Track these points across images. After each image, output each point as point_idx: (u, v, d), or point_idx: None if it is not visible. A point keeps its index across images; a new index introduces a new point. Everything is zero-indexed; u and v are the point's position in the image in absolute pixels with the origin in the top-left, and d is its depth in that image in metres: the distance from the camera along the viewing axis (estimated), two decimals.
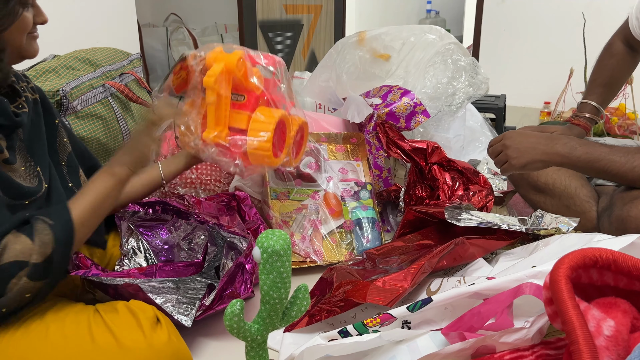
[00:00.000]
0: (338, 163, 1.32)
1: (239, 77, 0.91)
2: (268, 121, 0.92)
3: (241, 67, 0.90)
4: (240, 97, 0.93)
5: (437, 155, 1.24)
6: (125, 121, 1.28)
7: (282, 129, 0.95)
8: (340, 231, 1.19)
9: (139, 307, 0.75)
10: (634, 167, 0.96)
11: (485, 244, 0.97)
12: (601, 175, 1.01)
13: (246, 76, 0.92)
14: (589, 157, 0.98)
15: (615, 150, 0.98)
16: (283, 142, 0.96)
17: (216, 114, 0.91)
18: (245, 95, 0.93)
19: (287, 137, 0.97)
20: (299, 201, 1.21)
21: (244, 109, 0.93)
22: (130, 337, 0.71)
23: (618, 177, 0.99)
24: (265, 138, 0.90)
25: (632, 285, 0.53)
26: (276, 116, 0.92)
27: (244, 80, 0.92)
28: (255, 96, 0.93)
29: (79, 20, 1.68)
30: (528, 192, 1.28)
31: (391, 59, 1.46)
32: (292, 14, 2.70)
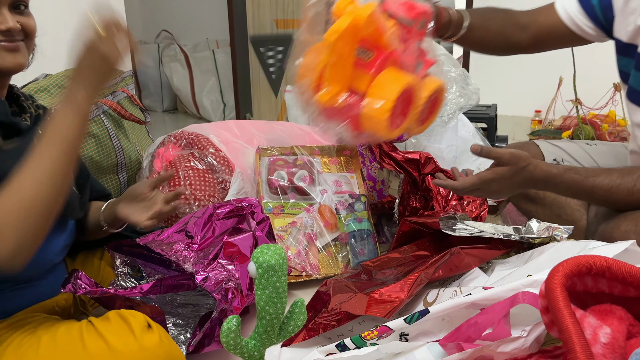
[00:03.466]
0: (332, 175, 1.32)
1: (369, 32, 0.79)
2: (391, 88, 0.80)
3: (371, 24, 0.79)
4: (368, 53, 0.81)
5: (430, 166, 1.24)
6: (117, 138, 1.28)
7: (407, 99, 0.83)
8: (335, 244, 1.19)
9: (130, 314, 0.74)
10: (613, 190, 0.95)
11: (480, 253, 0.98)
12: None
13: (377, 32, 0.80)
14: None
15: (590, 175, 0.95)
16: (405, 114, 0.84)
17: (333, 72, 0.80)
18: (373, 52, 0.81)
19: (414, 106, 0.84)
20: (293, 215, 1.21)
21: (368, 68, 0.82)
22: (122, 340, 0.69)
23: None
24: (384, 106, 0.79)
25: (626, 292, 0.53)
26: (402, 83, 0.80)
27: (375, 35, 0.80)
28: (385, 55, 0.81)
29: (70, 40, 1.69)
30: (520, 202, 1.28)
31: None
32: (283, 29, 2.72)
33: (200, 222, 1.03)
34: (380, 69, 0.82)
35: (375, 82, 0.81)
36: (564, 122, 2.07)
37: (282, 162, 1.30)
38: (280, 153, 1.33)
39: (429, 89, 0.85)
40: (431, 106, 0.91)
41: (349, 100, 0.81)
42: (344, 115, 0.82)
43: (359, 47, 0.81)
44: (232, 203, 1.09)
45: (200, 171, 1.21)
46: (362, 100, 0.81)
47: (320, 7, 0.83)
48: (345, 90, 0.82)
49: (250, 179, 1.29)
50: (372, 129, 0.82)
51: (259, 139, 1.38)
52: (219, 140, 1.30)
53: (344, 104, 0.81)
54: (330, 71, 0.80)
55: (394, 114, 0.81)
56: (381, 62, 0.82)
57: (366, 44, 0.81)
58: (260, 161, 1.31)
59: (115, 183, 1.29)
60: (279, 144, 1.38)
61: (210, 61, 3.17)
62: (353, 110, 0.81)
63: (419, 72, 0.85)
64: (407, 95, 0.83)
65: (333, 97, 0.81)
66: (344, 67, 0.81)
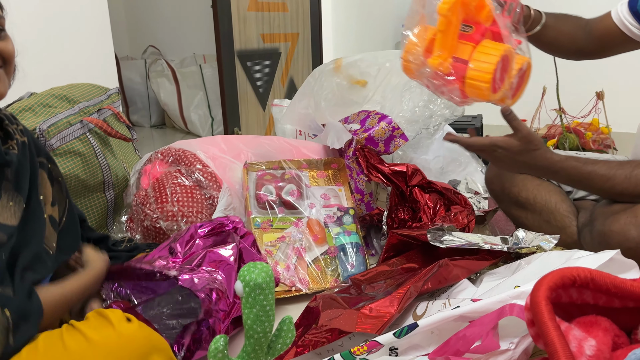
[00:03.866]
0: (320, 189, 1.33)
1: (472, 7, 0.93)
2: (492, 53, 0.93)
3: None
4: (468, 28, 0.96)
5: (417, 178, 1.25)
6: (104, 156, 1.27)
7: (504, 65, 0.95)
8: (324, 258, 1.19)
9: (110, 311, 0.74)
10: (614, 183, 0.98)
11: (468, 264, 0.98)
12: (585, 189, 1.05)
13: (479, 7, 0.94)
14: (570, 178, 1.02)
15: (597, 165, 1.00)
16: (503, 78, 0.96)
17: (443, 40, 0.93)
18: (473, 27, 0.95)
19: (508, 74, 0.96)
20: (282, 229, 1.21)
21: (470, 41, 0.95)
22: (100, 333, 0.69)
23: (601, 192, 1.02)
24: (487, 69, 0.91)
25: (611, 303, 0.54)
26: (501, 49, 0.93)
27: (475, 12, 0.94)
28: (483, 29, 0.95)
29: (55, 57, 1.68)
30: (510, 208, 1.29)
31: (368, 84, 1.48)
32: (269, 43, 2.73)
33: (183, 240, 1.03)
34: (480, 40, 0.95)
35: (478, 50, 0.94)
36: (549, 131, 2.10)
37: (270, 177, 1.30)
38: (268, 167, 1.33)
39: (519, 62, 0.98)
40: (519, 80, 1.02)
41: (455, 65, 0.94)
42: (452, 82, 0.94)
43: (462, 21, 0.95)
44: (214, 222, 1.09)
45: (187, 188, 1.21)
46: (467, 66, 0.93)
47: None
48: (450, 57, 0.94)
49: (238, 194, 1.29)
50: (477, 93, 0.95)
51: (246, 154, 1.38)
52: (206, 156, 1.30)
53: (452, 67, 0.93)
54: (441, 39, 0.93)
55: (494, 77, 0.93)
56: (481, 34, 0.95)
57: (468, 19, 0.96)
58: (248, 176, 1.31)
59: (101, 201, 1.28)
60: (266, 158, 1.38)
61: (198, 76, 3.17)
62: (459, 74, 0.93)
63: (512, 46, 0.98)
64: (505, 61, 0.95)
65: (443, 61, 0.93)
66: (452, 36, 0.93)
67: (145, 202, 1.21)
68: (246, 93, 2.63)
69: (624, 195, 0.99)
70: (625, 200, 0.99)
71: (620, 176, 0.98)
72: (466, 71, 0.93)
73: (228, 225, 1.08)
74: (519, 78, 1.01)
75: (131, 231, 1.24)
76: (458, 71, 0.94)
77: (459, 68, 0.94)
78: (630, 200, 0.98)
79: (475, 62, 0.93)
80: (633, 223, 0.91)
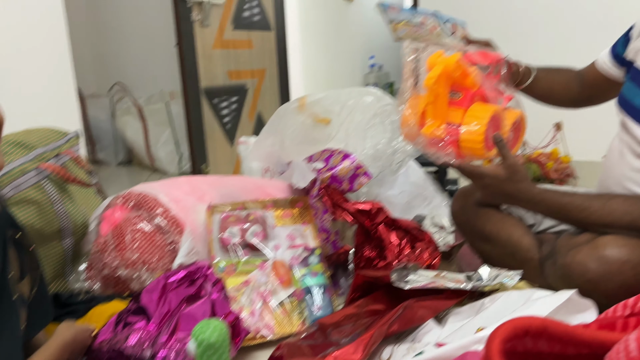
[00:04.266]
0: (286, 229, 1.31)
1: (457, 76, 1.01)
2: (481, 115, 1.00)
3: (458, 69, 1.01)
4: (457, 94, 1.04)
5: (381, 216, 1.25)
6: (61, 203, 1.23)
7: (495, 124, 1.02)
8: (291, 300, 1.17)
9: None
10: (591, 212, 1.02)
11: (433, 304, 0.97)
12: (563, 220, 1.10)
13: (463, 75, 1.02)
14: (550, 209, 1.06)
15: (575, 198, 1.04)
16: None
17: (434, 110, 1.01)
18: (461, 93, 1.03)
19: (502, 131, 1.03)
20: (247, 273, 1.19)
21: (460, 106, 1.02)
22: None
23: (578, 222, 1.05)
24: (478, 131, 0.98)
25: (566, 350, 0.53)
26: (489, 111, 1.00)
27: (461, 79, 1.02)
28: (472, 94, 1.03)
29: (13, 97, 1.65)
30: (475, 241, 1.30)
31: (331, 122, 1.49)
32: (235, 79, 2.74)
33: (155, 296, 1.01)
34: (469, 105, 1.03)
35: (468, 113, 1.01)
36: None
37: (234, 219, 1.29)
38: (232, 209, 1.31)
39: (511, 118, 1.06)
40: (515, 133, 1.09)
41: (448, 129, 1.01)
42: (446, 143, 1.01)
43: (450, 90, 1.03)
44: (184, 269, 1.07)
45: (148, 233, 1.18)
46: (459, 129, 1.00)
47: (416, 62, 1.06)
48: (443, 124, 1.02)
49: (201, 237, 1.26)
50: (472, 152, 1.01)
51: (210, 195, 1.36)
52: (168, 199, 1.27)
53: (445, 133, 1.01)
54: (431, 109, 1.02)
55: (487, 136, 0.99)
56: (470, 99, 1.03)
57: (455, 87, 1.04)
58: (212, 218, 1.29)
59: (58, 250, 1.24)
60: (231, 199, 1.36)
61: (165, 113, 3.16)
62: (453, 137, 1.01)
63: (501, 105, 1.06)
64: (495, 121, 1.02)
65: (436, 129, 1.01)
66: (441, 106, 1.02)
67: (104, 249, 1.17)
68: (213, 130, 2.62)
69: (596, 225, 1.02)
70: (597, 230, 1.02)
71: (594, 207, 1.01)
72: (459, 134, 1.00)
73: (198, 273, 1.07)
74: (515, 131, 1.08)
75: (90, 280, 1.19)
76: (452, 135, 1.01)
77: (452, 132, 1.01)
78: (602, 230, 1.01)
79: (467, 125, 1.00)
80: (593, 255, 0.93)
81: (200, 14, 2.48)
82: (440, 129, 1.02)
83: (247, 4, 2.81)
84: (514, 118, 1.07)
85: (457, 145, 1.02)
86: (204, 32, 2.50)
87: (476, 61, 1.07)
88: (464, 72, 1.03)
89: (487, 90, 1.05)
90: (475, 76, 1.03)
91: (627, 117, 1.08)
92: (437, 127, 1.02)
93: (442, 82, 1.01)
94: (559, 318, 0.68)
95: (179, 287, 1.05)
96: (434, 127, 1.02)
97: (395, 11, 1.21)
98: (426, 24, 1.19)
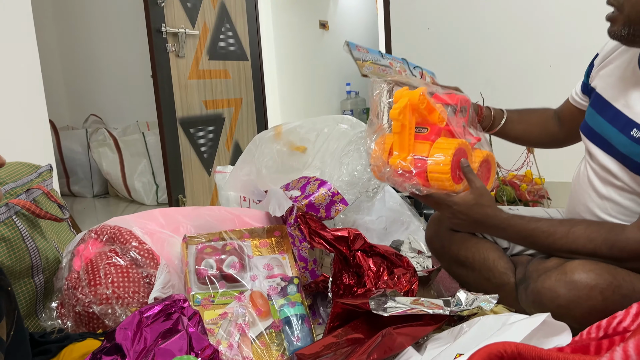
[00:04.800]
0: (263, 259, 1.30)
1: (421, 110, 1.04)
2: (447, 147, 1.02)
3: (423, 101, 1.03)
4: (424, 129, 1.06)
5: (359, 242, 1.25)
6: (32, 239, 1.21)
7: (462, 157, 1.05)
8: (269, 332, 1.15)
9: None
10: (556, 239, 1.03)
11: (412, 331, 0.97)
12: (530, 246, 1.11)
13: (428, 110, 1.05)
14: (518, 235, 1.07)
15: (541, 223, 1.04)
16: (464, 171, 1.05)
17: (400, 142, 1.04)
18: (428, 128, 1.06)
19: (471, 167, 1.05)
20: (224, 305, 1.17)
21: (426, 139, 1.05)
22: None
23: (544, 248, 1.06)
24: (444, 162, 1.00)
25: None
26: (455, 143, 1.02)
27: (427, 113, 1.05)
28: (438, 128, 1.05)
29: None
30: (451, 266, 1.31)
31: (307, 150, 1.50)
32: (212, 109, 2.75)
33: (130, 333, 0.98)
34: (436, 139, 1.05)
35: (434, 146, 1.04)
36: None
37: (210, 250, 1.27)
38: (208, 240, 1.30)
39: (479, 156, 1.09)
40: (485, 172, 1.12)
41: (415, 161, 1.04)
42: (413, 175, 1.03)
43: (417, 125, 1.06)
44: (159, 303, 1.05)
45: (122, 267, 1.16)
46: (426, 161, 1.03)
47: (383, 96, 1.10)
48: (410, 155, 1.04)
49: (177, 270, 1.24)
50: (439, 184, 1.03)
51: (186, 227, 1.34)
52: (142, 232, 1.26)
53: (412, 165, 1.03)
54: (398, 141, 1.04)
55: (453, 167, 1.02)
56: (436, 134, 1.05)
57: (422, 122, 1.07)
58: (188, 250, 1.27)
59: (29, 287, 1.20)
60: (207, 230, 1.35)
61: (141, 143, 3.14)
62: (420, 169, 1.03)
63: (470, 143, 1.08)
64: (462, 153, 1.05)
65: (402, 160, 1.03)
66: (408, 138, 1.04)
67: (77, 285, 1.15)
68: (190, 160, 2.61)
69: (562, 251, 1.02)
70: (563, 255, 1.02)
71: (560, 232, 1.02)
72: (426, 166, 1.02)
73: (174, 306, 1.05)
74: (484, 170, 1.11)
75: (62, 318, 1.16)
76: (418, 167, 1.03)
77: (419, 164, 1.03)
78: (568, 255, 1.01)
79: (433, 157, 1.02)
80: (562, 280, 0.94)
81: (175, 44, 2.49)
82: (407, 161, 1.03)
83: (223, 35, 2.83)
84: (482, 157, 1.09)
85: (424, 177, 1.03)
86: (180, 62, 2.52)
87: (443, 100, 1.09)
88: (429, 106, 1.05)
89: (454, 128, 1.07)
90: (442, 112, 1.06)
91: (592, 145, 1.09)
92: (403, 159, 1.03)
93: (407, 114, 1.03)
94: (534, 342, 0.68)
95: (154, 322, 1.03)
96: (400, 158, 1.04)
97: (363, 51, 1.24)
98: (394, 66, 1.23)
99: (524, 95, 2.44)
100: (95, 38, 3.56)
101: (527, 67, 2.50)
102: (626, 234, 0.95)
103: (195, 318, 1.05)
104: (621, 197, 1.03)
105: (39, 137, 1.89)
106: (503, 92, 2.48)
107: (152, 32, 2.35)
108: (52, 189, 1.37)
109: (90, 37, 3.57)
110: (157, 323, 1.03)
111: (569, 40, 2.41)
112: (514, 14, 2.54)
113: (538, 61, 2.48)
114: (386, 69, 1.22)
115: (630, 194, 1.01)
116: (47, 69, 2.03)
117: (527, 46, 2.52)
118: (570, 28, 2.40)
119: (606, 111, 1.06)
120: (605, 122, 1.05)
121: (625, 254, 0.95)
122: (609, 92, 1.07)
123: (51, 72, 3.37)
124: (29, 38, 1.85)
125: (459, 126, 1.09)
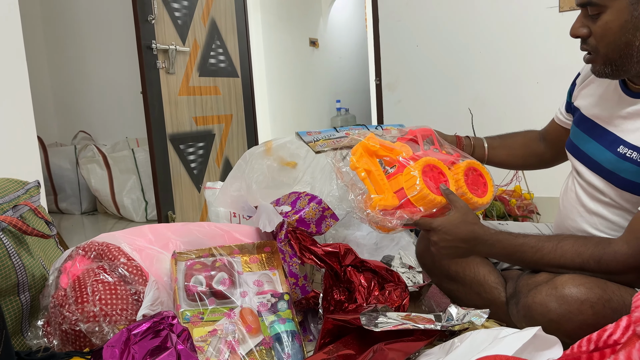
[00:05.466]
0: (253, 275, 1.29)
1: (379, 151, 1.09)
2: (415, 167, 1.06)
3: (374, 142, 1.09)
4: (392, 168, 1.10)
5: (350, 257, 1.24)
6: (19, 256, 1.19)
7: (434, 171, 1.09)
8: (259, 349, 1.13)
9: None
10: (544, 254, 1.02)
11: (404, 347, 0.96)
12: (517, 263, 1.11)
13: (387, 149, 1.10)
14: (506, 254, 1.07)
15: (528, 240, 1.04)
16: (440, 182, 1.09)
17: (375, 185, 1.07)
18: (396, 165, 1.10)
19: (453, 180, 1.09)
20: (213, 322, 1.15)
21: (398, 174, 1.08)
22: None
23: (532, 265, 1.06)
24: (415, 178, 1.04)
25: None
26: (421, 162, 1.07)
27: (388, 152, 1.10)
28: (405, 159, 1.10)
29: None
30: (441, 282, 1.30)
31: (298, 166, 1.50)
32: (202, 125, 2.75)
33: (117, 351, 0.97)
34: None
35: (404, 173, 1.08)
36: None
37: (199, 266, 1.26)
38: (198, 256, 1.29)
39: (460, 168, 1.12)
40: (475, 179, 1.14)
41: (397, 195, 1.07)
42: (401, 207, 1.06)
43: (386, 165, 1.11)
44: (147, 320, 1.04)
45: (110, 284, 1.14)
46: (404, 191, 1.06)
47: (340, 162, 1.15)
48: (391, 193, 1.07)
49: (166, 286, 1.23)
50: (423, 201, 1.05)
51: (175, 243, 1.33)
52: (131, 249, 1.24)
53: (395, 200, 1.06)
54: (370, 186, 1.08)
55: (426, 182, 1.06)
56: (404, 166, 1.09)
57: (388, 162, 1.11)
58: (177, 266, 1.26)
59: (15, 305, 1.18)
60: (196, 246, 1.34)
61: (130, 160, 3.12)
62: (403, 198, 1.06)
63: (448, 161, 1.13)
64: (431, 168, 1.09)
65: (382, 199, 1.06)
66: (379, 179, 1.08)
67: (63, 303, 1.13)
68: (180, 176, 2.60)
69: (551, 266, 1.02)
70: (552, 270, 1.02)
71: (548, 247, 1.02)
72: (405, 193, 1.05)
73: (163, 323, 1.03)
74: (474, 177, 1.14)
75: (48, 336, 1.14)
76: (401, 198, 1.06)
77: (400, 196, 1.06)
78: (556, 270, 1.01)
79: (405, 183, 1.06)
80: (553, 295, 0.94)
81: (165, 61, 2.50)
82: (389, 199, 1.06)
83: (213, 51, 2.85)
84: (464, 167, 1.12)
85: (411, 204, 1.06)
86: (170, 79, 2.52)
87: (406, 138, 1.15)
88: (384, 145, 1.09)
89: (419, 154, 1.11)
90: (402, 146, 1.10)
91: (578, 162, 1.10)
92: (385, 199, 1.06)
93: (365, 157, 1.07)
94: (525, 355, 0.68)
95: (142, 339, 1.02)
96: (383, 200, 1.06)
97: (314, 133, 1.29)
98: (351, 134, 1.26)
99: (511, 112, 2.47)
100: (85, 54, 3.56)
101: (514, 84, 2.53)
102: (613, 248, 0.95)
103: (184, 335, 1.04)
104: (609, 213, 1.03)
105: (27, 154, 1.88)
106: (491, 108, 2.52)
107: (142, 49, 2.35)
108: (39, 205, 1.35)
109: (79, 53, 3.57)
110: (145, 340, 1.01)
111: (555, 58, 2.45)
112: (502, 32, 2.59)
113: (525, 78, 2.52)
114: (341, 139, 1.25)
115: (618, 210, 1.02)
116: (36, 85, 2.02)
117: (514, 64, 2.56)
118: (556, 46, 2.45)
119: (591, 129, 1.07)
120: (591, 140, 1.06)
121: (612, 268, 0.95)
122: (592, 111, 1.09)
123: (40, 88, 3.36)
124: (18, 54, 1.85)
125: (432, 153, 1.12)
